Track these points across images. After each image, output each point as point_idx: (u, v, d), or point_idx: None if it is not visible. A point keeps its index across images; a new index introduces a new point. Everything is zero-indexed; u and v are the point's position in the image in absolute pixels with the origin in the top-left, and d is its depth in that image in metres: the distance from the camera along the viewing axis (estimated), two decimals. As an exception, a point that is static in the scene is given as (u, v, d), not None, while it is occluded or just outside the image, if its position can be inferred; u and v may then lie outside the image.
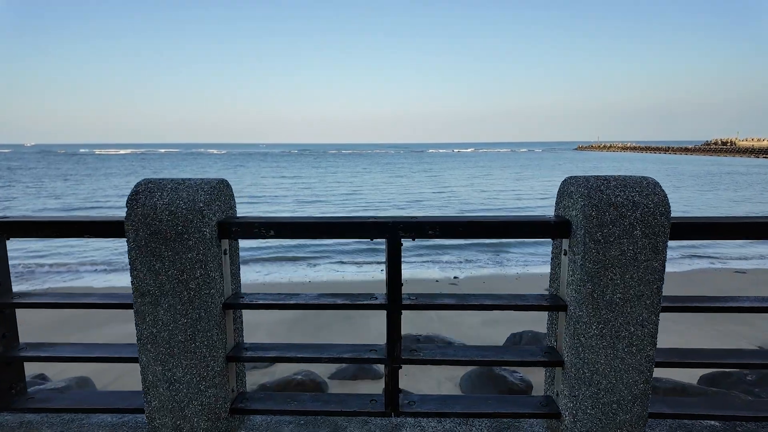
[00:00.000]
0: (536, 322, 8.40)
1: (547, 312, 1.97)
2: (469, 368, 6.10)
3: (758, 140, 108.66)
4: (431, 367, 6.39)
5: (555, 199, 1.94)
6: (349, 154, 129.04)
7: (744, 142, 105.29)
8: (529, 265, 13.99)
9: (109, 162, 78.28)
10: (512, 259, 14.38)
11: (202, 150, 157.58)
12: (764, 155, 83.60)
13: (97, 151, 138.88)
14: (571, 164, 72.84)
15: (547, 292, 2.05)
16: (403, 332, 8.06)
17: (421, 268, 13.63)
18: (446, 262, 14.27)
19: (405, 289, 2.08)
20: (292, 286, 11.89)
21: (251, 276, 12.66)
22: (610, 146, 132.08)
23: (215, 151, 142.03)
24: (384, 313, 1.98)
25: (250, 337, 7.91)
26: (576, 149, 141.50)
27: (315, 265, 13.93)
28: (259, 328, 8.28)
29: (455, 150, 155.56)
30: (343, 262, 14.29)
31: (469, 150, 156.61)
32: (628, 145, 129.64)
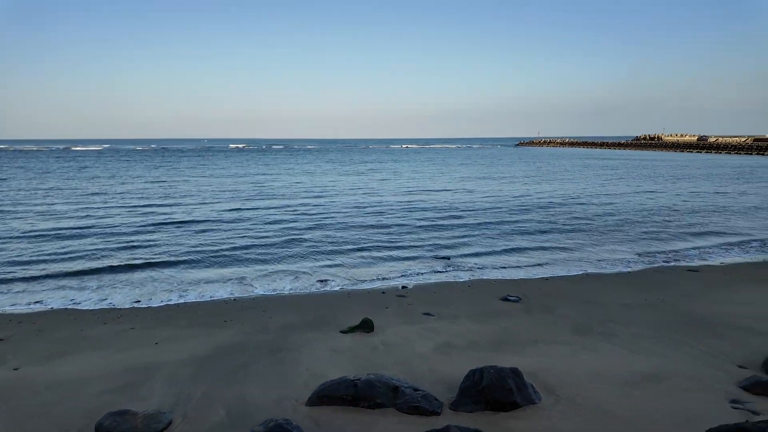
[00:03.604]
0: (498, 348, 7.25)
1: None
2: None
3: (681, 136, 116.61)
4: None
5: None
6: (281, 149, 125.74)
7: (669, 138, 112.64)
8: (480, 269, 13.00)
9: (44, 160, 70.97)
10: (462, 265, 13.33)
11: (172, 146, 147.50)
12: (688, 150, 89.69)
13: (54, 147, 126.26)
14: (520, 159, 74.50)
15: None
16: (339, 372, 6.61)
17: (364, 275, 12.26)
18: (391, 269, 12.97)
19: (350, 304, 0.55)
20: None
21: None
22: (550, 141, 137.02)
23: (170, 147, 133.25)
24: (321, 343, 0.43)
25: (139, 389, 6.18)
26: (517, 145, 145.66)
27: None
28: (156, 372, 6.54)
29: (404, 146, 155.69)
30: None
31: (414, 146, 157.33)
32: (566, 140, 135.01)
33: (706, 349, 6.87)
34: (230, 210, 22.82)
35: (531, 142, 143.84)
